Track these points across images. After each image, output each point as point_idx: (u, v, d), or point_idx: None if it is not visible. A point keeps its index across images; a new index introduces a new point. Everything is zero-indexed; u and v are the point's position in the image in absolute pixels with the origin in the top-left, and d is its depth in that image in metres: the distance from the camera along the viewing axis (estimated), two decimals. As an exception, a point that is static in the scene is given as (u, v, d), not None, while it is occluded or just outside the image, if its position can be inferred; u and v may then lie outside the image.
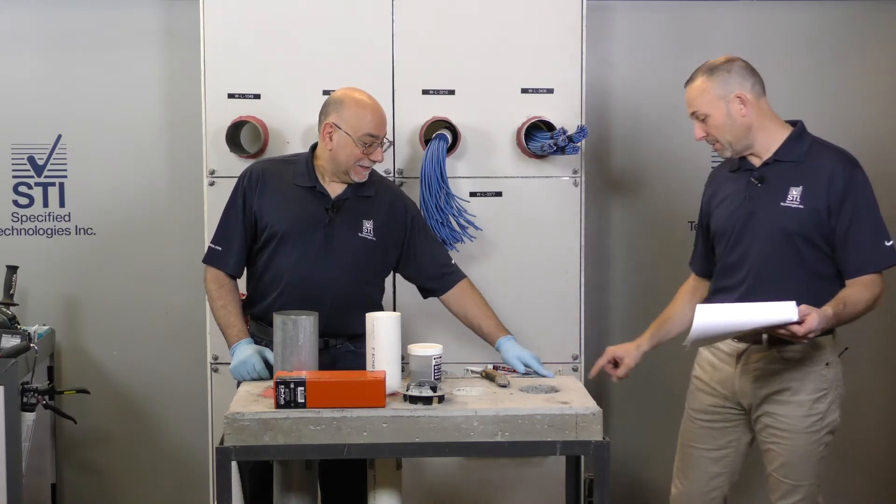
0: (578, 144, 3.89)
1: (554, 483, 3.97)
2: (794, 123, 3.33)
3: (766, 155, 3.28)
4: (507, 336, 3.42)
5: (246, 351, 3.30)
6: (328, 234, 3.42)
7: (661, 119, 4.40)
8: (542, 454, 3.09)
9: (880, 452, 4.64)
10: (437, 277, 3.55)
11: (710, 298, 3.40)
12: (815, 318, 2.97)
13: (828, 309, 3.04)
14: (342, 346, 3.45)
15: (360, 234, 3.44)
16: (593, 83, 4.08)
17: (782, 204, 3.23)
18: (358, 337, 3.37)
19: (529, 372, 3.31)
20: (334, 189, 3.46)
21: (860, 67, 4.50)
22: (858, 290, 3.15)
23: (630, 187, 4.50)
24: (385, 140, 3.44)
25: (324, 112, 3.44)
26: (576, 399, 3.00)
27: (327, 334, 3.35)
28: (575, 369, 4.00)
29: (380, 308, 3.53)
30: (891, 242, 3.21)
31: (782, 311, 2.96)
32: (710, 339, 3.17)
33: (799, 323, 2.96)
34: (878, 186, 4.48)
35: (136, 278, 4.50)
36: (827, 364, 3.26)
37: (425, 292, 3.59)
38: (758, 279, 3.23)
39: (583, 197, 4.02)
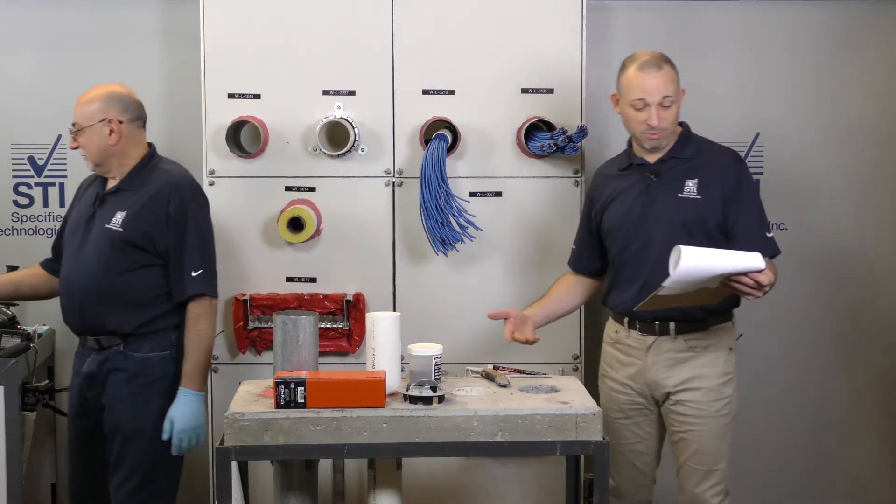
0: (578, 144, 3.89)
1: (554, 483, 3.97)
2: (680, 124, 3.49)
3: (661, 152, 3.43)
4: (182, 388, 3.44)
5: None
6: (88, 229, 3.47)
7: (661, 119, 4.39)
8: (542, 454, 3.09)
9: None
10: (174, 282, 3.48)
11: (608, 294, 3.53)
12: (769, 270, 3.10)
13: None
14: (116, 346, 3.45)
15: (106, 226, 3.43)
16: (593, 83, 4.07)
17: (680, 195, 3.38)
18: (127, 336, 3.41)
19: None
20: (111, 183, 3.53)
21: (860, 67, 4.49)
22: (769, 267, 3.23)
23: (630, 187, 4.49)
24: (71, 126, 3.53)
25: None
26: (576, 399, 3.01)
27: (87, 332, 3.42)
28: (575, 369, 4.00)
29: (151, 305, 3.46)
30: (771, 234, 3.39)
31: (753, 259, 3.06)
32: (684, 284, 3.12)
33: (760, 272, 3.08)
34: (879, 186, 4.52)
35: (135, 278, 4.49)
36: (730, 349, 3.44)
37: None
38: (657, 269, 3.28)
39: (583, 197, 4.02)
